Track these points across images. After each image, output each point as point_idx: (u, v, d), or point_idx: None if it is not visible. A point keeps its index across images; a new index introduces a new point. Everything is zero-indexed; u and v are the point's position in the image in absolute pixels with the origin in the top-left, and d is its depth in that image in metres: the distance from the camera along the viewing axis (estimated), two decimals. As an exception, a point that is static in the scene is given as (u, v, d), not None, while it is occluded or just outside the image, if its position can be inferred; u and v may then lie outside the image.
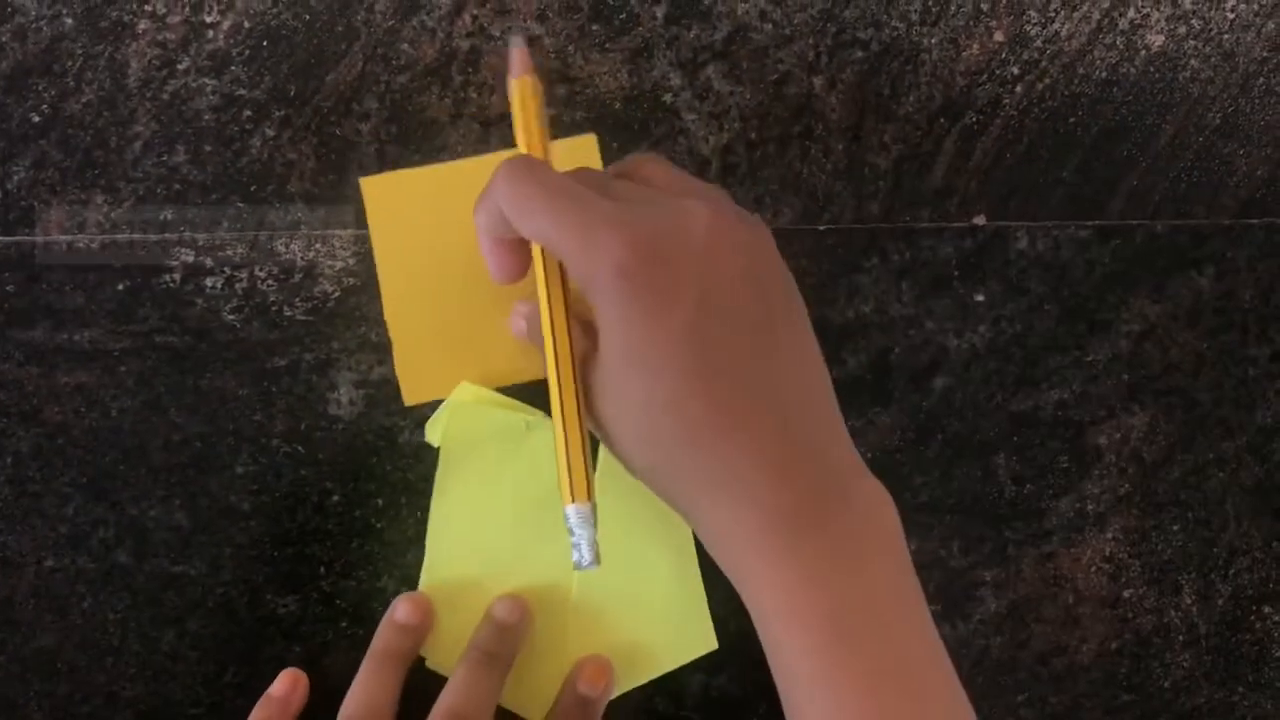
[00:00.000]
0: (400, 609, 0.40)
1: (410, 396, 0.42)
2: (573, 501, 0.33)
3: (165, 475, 0.42)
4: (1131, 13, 0.45)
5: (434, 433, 0.42)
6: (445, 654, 0.40)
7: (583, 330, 0.34)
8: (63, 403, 0.42)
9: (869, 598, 0.31)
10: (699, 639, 0.41)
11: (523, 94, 0.36)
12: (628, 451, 0.33)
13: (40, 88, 0.42)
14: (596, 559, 0.33)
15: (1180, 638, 0.46)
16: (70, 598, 0.42)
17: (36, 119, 0.42)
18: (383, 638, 0.40)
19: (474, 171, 0.42)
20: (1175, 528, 0.46)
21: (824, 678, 0.31)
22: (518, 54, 0.36)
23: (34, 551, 0.42)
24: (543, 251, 0.35)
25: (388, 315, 0.42)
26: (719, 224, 0.32)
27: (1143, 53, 0.46)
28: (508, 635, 0.40)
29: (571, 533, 0.33)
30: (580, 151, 0.43)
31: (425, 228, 0.42)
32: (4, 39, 0.42)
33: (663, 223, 0.32)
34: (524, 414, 0.41)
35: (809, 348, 0.34)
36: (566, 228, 0.32)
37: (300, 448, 0.42)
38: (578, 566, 0.33)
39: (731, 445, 0.31)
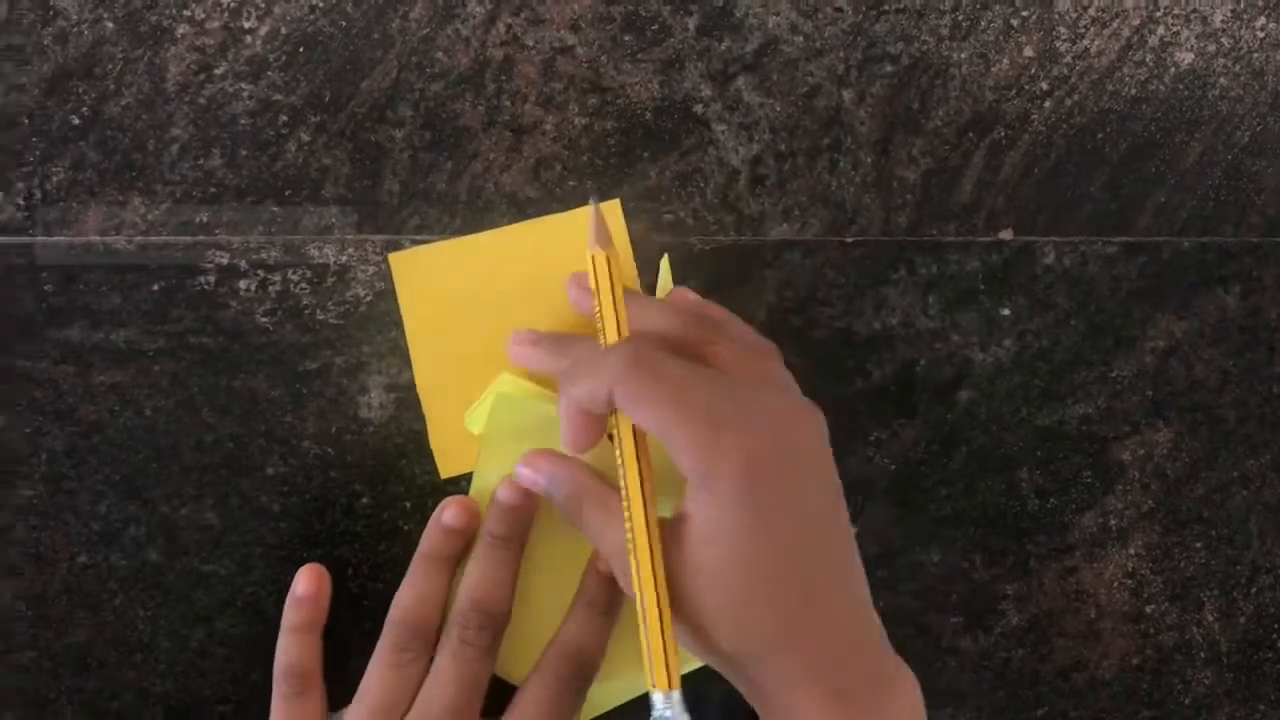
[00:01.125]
0: (447, 512, 0.40)
1: (446, 470, 0.43)
2: (666, 689, 0.34)
3: (197, 475, 0.42)
4: (1161, 30, 0.46)
5: (475, 421, 0.42)
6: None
7: (664, 525, 0.35)
8: (97, 402, 0.42)
9: None
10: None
11: (603, 267, 0.37)
12: (714, 637, 0.34)
13: (80, 90, 0.43)
14: None
15: (1202, 654, 0.46)
16: (102, 594, 0.42)
17: (76, 121, 0.43)
18: (430, 540, 0.40)
19: (500, 244, 0.43)
20: (1198, 544, 0.46)
21: None
22: (595, 224, 0.38)
23: (67, 548, 0.42)
24: (632, 436, 0.35)
25: (420, 389, 0.43)
26: (805, 423, 0.35)
27: (1172, 70, 0.46)
28: (513, 517, 0.40)
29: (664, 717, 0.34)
30: (605, 217, 0.43)
31: (454, 300, 0.43)
32: (46, 42, 0.42)
33: (772, 427, 0.34)
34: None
35: (850, 526, 0.36)
36: (692, 425, 0.33)
37: (330, 450, 0.43)
38: None
39: (813, 633, 0.33)
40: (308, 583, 0.41)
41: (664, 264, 0.44)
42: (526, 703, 0.38)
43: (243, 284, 0.43)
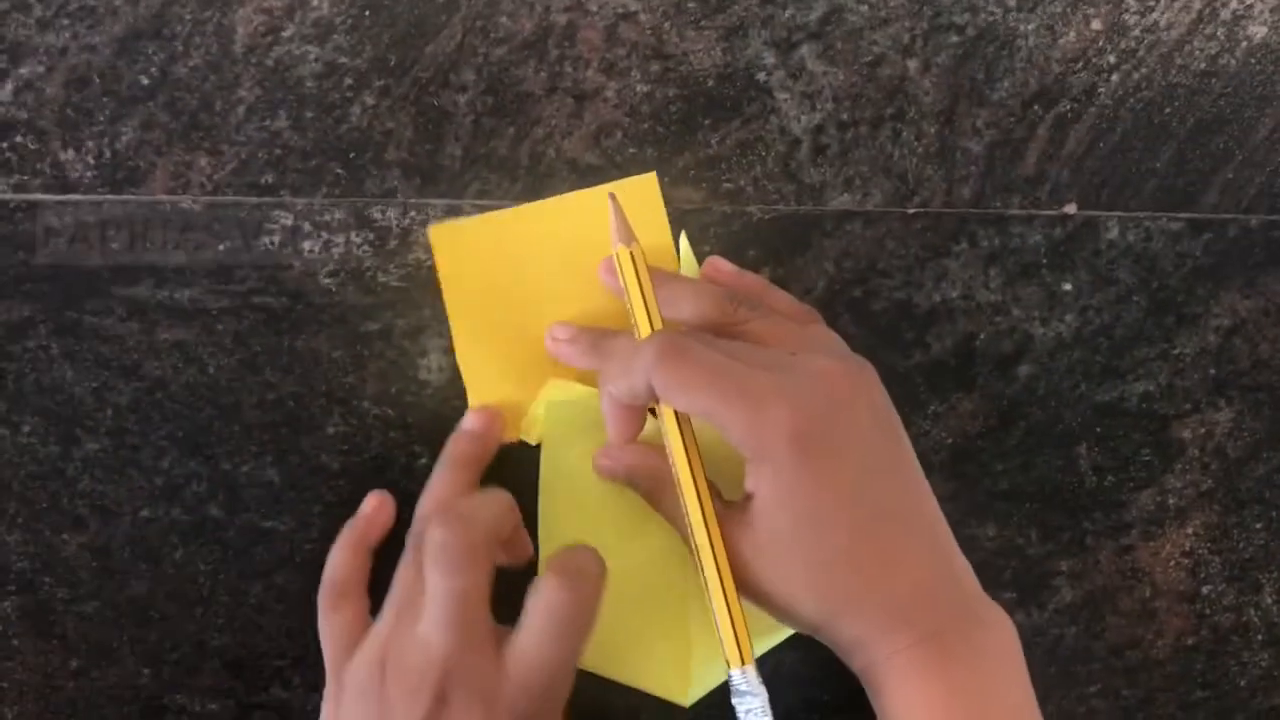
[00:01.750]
0: (468, 419, 0.42)
1: None
2: (741, 666, 0.35)
3: (258, 433, 0.43)
4: (1234, 3, 0.45)
5: (531, 432, 0.42)
6: None
7: (722, 500, 0.36)
8: (162, 359, 0.43)
9: (1004, 709, 0.34)
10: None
11: (628, 264, 0.37)
12: (799, 606, 0.35)
13: (150, 51, 0.43)
14: None
15: (1259, 637, 0.45)
16: (163, 548, 0.43)
17: (145, 81, 0.43)
18: (455, 446, 0.41)
19: (540, 217, 0.43)
20: (1258, 525, 0.45)
21: None
22: (615, 220, 0.38)
23: (130, 502, 0.43)
24: (677, 422, 0.36)
25: (460, 359, 0.43)
26: (851, 379, 0.35)
27: (1244, 44, 0.45)
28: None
29: (742, 697, 0.35)
30: (641, 190, 0.43)
31: (493, 273, 0.43)
32: (117, 3, 0.43)
33: (816, 388, 0.34)
34: None
35: (919, 469, 0.37)
36: (735, 403, 0.34)
37: (390, 410, 0.43)
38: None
39: (894, 581, 0.34)
40: (370, 505, 0.41)
41: (684, 244, 0.43)
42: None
43: (306, 245, 0.43)
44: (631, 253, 0.37)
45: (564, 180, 0.44)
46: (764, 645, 0.41)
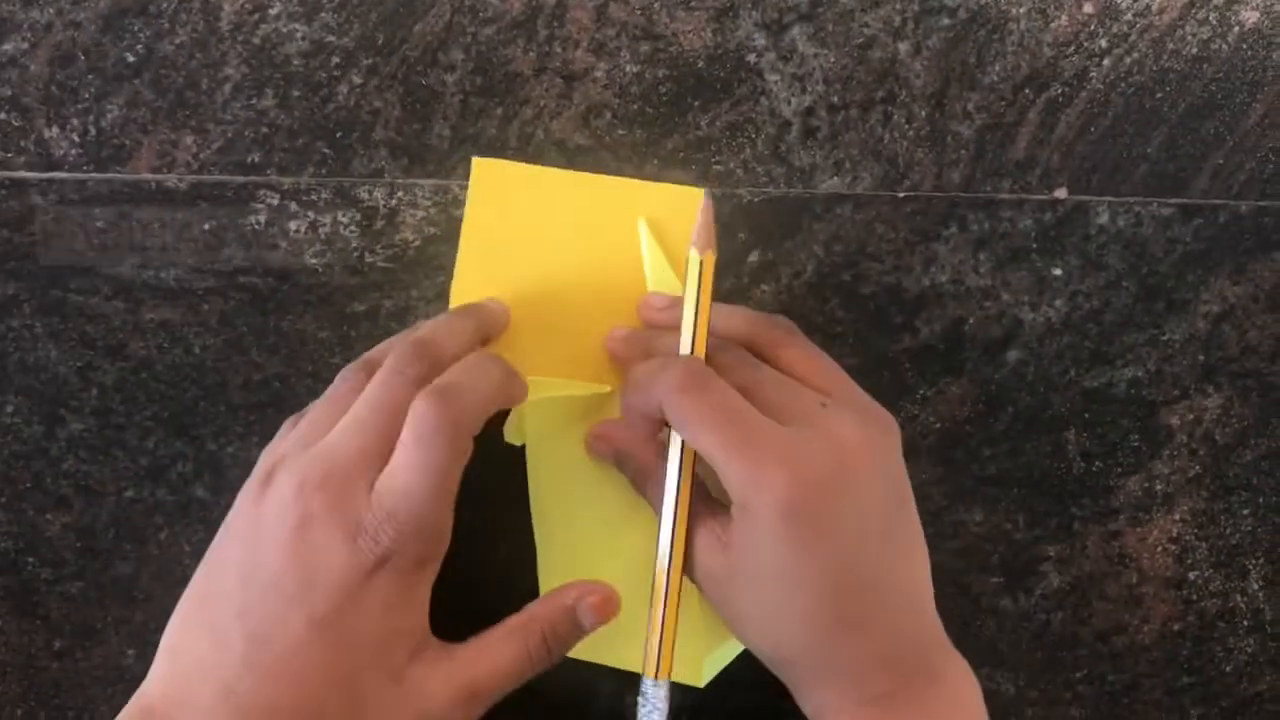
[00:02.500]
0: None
1: None
2: (655, 677, 0.35)
3: (244, 413, 0.43)
4: (1227, -12, 0.45)
5: (514, 433, 0.41)
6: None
7: (707, 503, 0.36)
8: (147, 338, 0.43)
9: None
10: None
11: (694, 271, 0.37)
12: (752, 639, 0.35)
13: (136, 28, 0.43)
14: None
15: (1245, 622, 0.45)
16: (148, 529, 0.43)
17: (131, 59, 0.43)
18: (479, 307, 0.41)
19: (586, 188, 0.42)
20: (1245, 512, 0.45)
21: None
22: (703, 222, 0.37)
23: (115, 482, 0.43)
24: (680, 449, 0.36)
25: (454, 292, 0.42)
26: (870, 448, 0.34)
27: (1236, 29, 0.45)
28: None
29: (645, 703, 0.36)
30: (686, 202, 0.42)
31: (520, 225, 0.42)
32: (102, -21, 0.43)
33: (828, 456, 0.33)
34: (596, 387, 0.41)
35: (918, 533, 0.36)
36: (734, 457, 0.33)
37: (376, 392, 0.43)
38: None
39: (849, 647, 0.34)
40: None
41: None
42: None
43: (293, 225, 0.43)
44: (703, 261, 0.36)
45: (552, 161, 0.43)
46: (722, 660, 0.41)
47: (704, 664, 0.41)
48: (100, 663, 0.43)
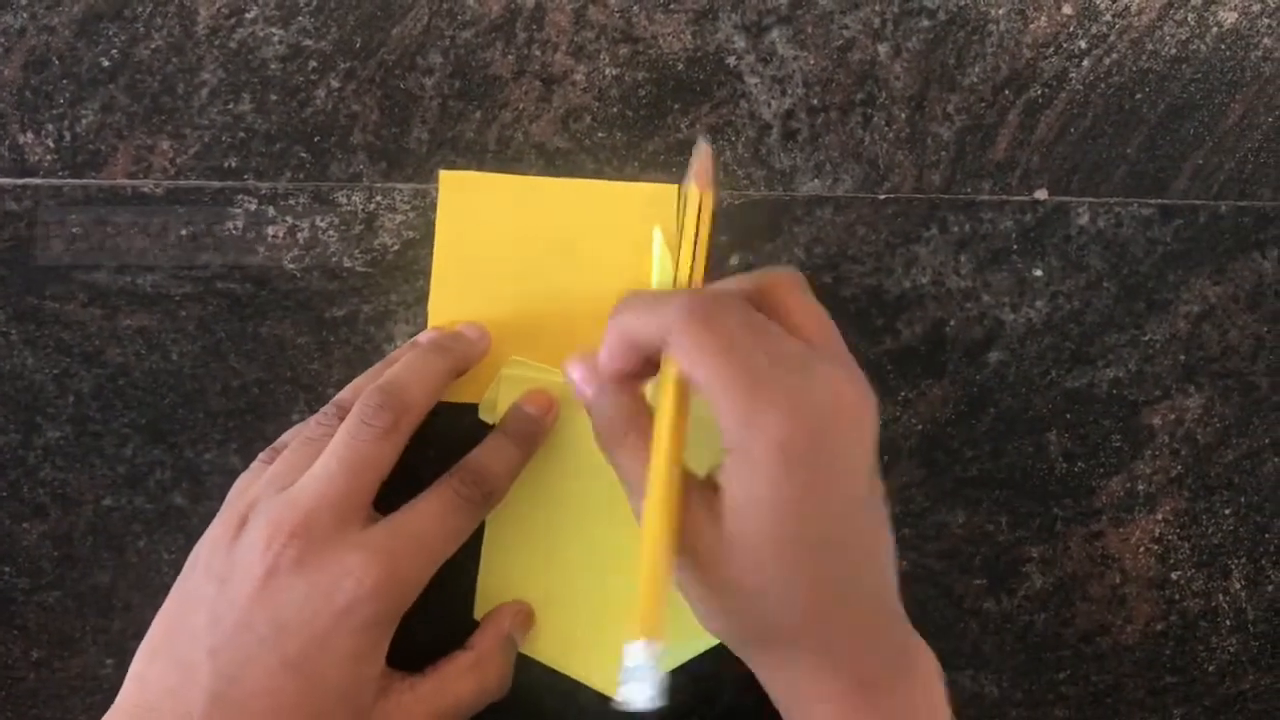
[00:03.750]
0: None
1: (453, 395, 0.42)
2: (645, 639, 0.31)
3: (223, 420, 0.42)
4: (1205, -12, 0.45)
5: (489, 411, 0.42)
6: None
7: (700, 495, 0.33)
8: (124, 345, 0.42)
9: None
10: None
11: (703, 206, 0.36)
12: (739, 619, 0.33)
13: (110, 33, 0.42)
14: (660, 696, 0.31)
15: (1227, 622, 0.45)
16: (126, 537, 0.42)
17: (106, 64, 0.42)
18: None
19: (554, 193, 0.43)
20: (1227, 511, 0.45)
21: None
22: (702, 164, 0.36)
23: (92, 490, 0.42)
24: (674, 388, 0.33)
25: (431, 312, 0.42)
26: (865, 402, 0.33)
27: (1214, 29, 0.45)
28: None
29: (634, 670, 0.31)
30: (655, 200, 0.43)
31: (491, 233, 0.42)
32: (76, -17, 0.42)
33: (827, 400, 0.32)
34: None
35: (884, 511, 0.35)
36: (732, 393, 0.31)
37: (356, 397, 0.42)
38: (629, 703, 0.31)
39: (838, 627, 0.33)
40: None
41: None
42: (421, 510, 0.37)
43: (270, 230, 0.43)
44: (702, 197, 0.35)
45: (532, 164, 0.43)
46: (685, 653, 0.41)
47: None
48: (78, 672, 0.42)
